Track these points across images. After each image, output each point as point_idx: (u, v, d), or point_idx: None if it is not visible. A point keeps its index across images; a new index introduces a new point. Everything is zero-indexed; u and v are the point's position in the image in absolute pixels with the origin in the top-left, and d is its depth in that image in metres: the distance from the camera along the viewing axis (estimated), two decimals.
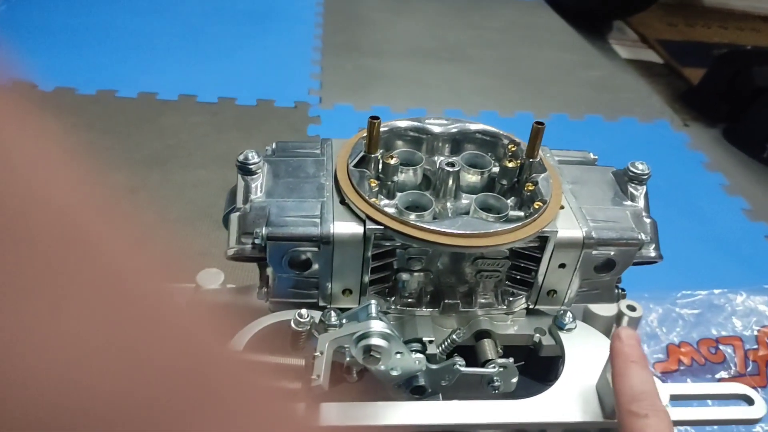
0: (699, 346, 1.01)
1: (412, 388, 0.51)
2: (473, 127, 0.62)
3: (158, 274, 0.20)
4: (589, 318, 0.77)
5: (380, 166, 0.57)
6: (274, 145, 0.62)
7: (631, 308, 0.87)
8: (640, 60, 2.09)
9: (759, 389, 0.98)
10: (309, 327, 0.52)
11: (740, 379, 0.98)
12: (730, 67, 1.76)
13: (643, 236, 0.53)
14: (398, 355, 0.48)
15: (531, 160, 0.55)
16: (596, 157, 0.63)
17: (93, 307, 0.17)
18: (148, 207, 1.33)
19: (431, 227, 0.50)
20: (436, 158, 0.62)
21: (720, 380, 0.98)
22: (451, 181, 0.57)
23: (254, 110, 1.74)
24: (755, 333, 1.02)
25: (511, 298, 0.58)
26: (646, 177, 0.56)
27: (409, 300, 0.58)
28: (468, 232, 0.49)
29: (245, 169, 0.56)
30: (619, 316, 0.85)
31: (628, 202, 0.56)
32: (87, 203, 0.18)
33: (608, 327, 0.84)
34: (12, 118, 0.18)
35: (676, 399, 0.51)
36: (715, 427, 0.88)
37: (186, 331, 0.20)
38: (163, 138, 1.58)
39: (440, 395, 0.53)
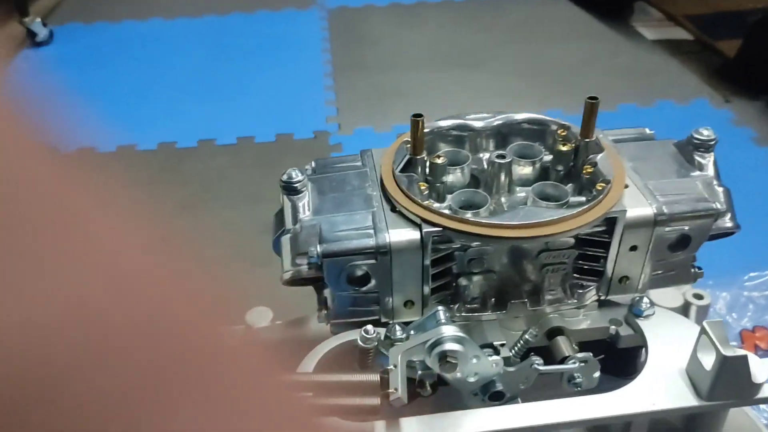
0: None
1: (491, 395, 0.51)
2: (518, 117, 0.62)
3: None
4: None
5: (427, 168, 0.57)
6: (313, 164, 0.63)
7: (698, 297, 0.85)
8: (669, 39, 2.07)
9: None
10: (376, 343, 0.52)
11: None
12: (766, 34, 1.73)
13: (717, 205, 0.52)
14: (474, 360, 0.48)
15: (587, 140, 0.55)
16: (653, 132, 0.62)
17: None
18: (181, 254, 1.36)
19: (492, 221, 0.50)
20: (481, 155, 0.62)
21: None
22: (503, 175, 0.57)
23: (274, 146, 1.77)
24: None
25: (580, 291, 0.57)
26: (713, 143, 0.56)
27: (474, 305, 0.57)
28: (531, 221, 0.49)
29: (290, 189, 0.56)
30: (686, 306, 0.83)
31: (697, 172, 0.56)
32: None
33: None
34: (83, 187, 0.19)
35: None
36: None
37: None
38: (188, 184, 1.61)
39: (519, 399, 0.52)
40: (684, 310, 0.84)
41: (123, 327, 0.17)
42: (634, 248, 0.53)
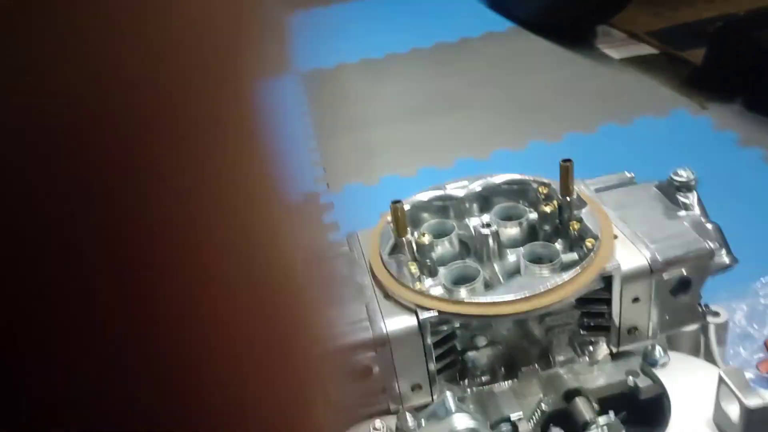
0: None
1: None
2: (497, 179, 0.61)
3: None
4: (673, 338, 0.73)
5: (415, 247, 0.56)
6: None
7: (715, 314, 0.83)
8: (636, 56, 2.08)
9: None
10: None
11: None
12: (730, 39, 1.74)
13: (710, 244, 0.50)
14: None
15: (567, 198, 0.53)
16: (632, 174, 0.61)
17: None
18: None
19: (487, 300, 0.48)
20: (467, 221, 0.61)
21: None
22: (491, 242, 0.55)
23: None
24: None
25: (591, 347, 0.54)
26: (693, 183, 0.54)
27: (484, 377, 0.55)
28: (527, 294, 0.47)
29: None
30: (704, 326, 0.81)
31: (683, 212, 0.54)
32: None
33: (696, 341, 0.80)
34: None
35: None
36: None
37: None
38: None
39: None
40: (703, 330, 0.81)
41: None
42: (636, 300, 0.51)
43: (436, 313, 0.49)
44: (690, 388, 0.50)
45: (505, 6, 2.58)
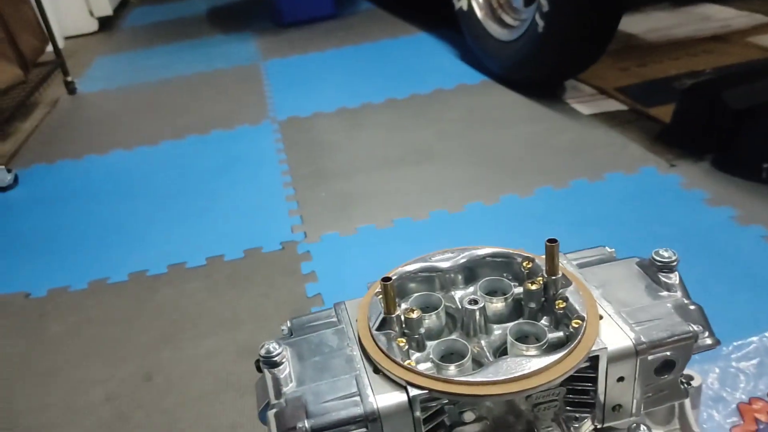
0: None
1: None
2: (481, 252, 0.62)
3: None
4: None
5: (403, 323, 0.56)
6: (289, 323, 0.61)
7: (689, 378, 0.84)
8: (605, 112, 2.15)
9: None
10: None
11: None
12: (699, 99, 1.80)
13: (694, 327, 0.51)
14: None
15: (553, 277, 0.54)
16: (613, 250, 0.62)
17: None
18: (168, 390, 1.29)
19: (477, 379, 0.48)
20: (453, 293, 0.61)
21: None
22: (478, 317, 0.56)
23: (244, 262, 1.74)
24: None
25: (576, 424, 0.55)
26: (674, 263, 0.55)
27: None
28: (516, 375, 0.48)
29: (270, 363, 0.54)
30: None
31: (665, 293, 0.55)
32: None
33: (671, 406, 0.81)
34: None
35: None
36: None
37: None
38: (165, 314, 1.56)
39: None
40: None
41: None
42: (621, 379, 0.52)
43: (427, 392, 0.49)
44: None
45: (477, 60, 2.65)
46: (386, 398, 0.50)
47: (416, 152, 2.14)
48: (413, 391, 0.49)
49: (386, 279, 0.54)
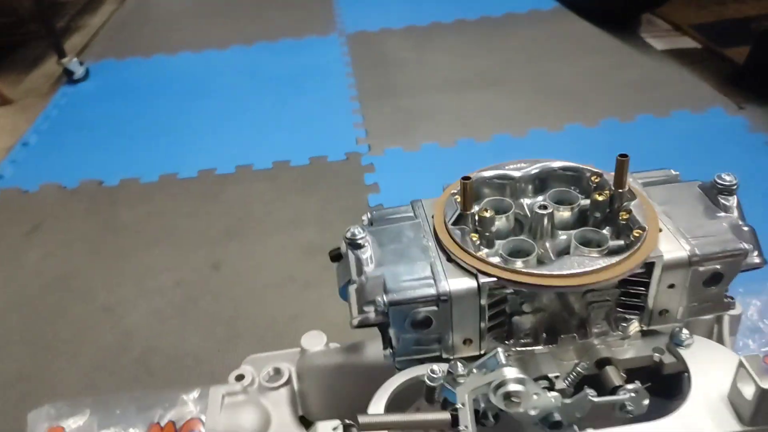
0: None
1: (550, 424, 0.54)
2: (554, 164, 0.66)
3: None
4: (690, 325, 0.78)
5: (476, 221, 0.61)
6: (369, 215, 0.67)
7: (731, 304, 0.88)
8: (678, 48, 2.09)
9: None
10: (442, 381, 0.56)
11: None
12: None
13: (745, 245, 0.55)
14: (535, 396, 0.52)
15: (620, 190, 0.58)
16: (678, 173, 0.66)
17: None
18: (234, 280, 1.41)
19: (541, 272, 0.54)
20: (522, 200, 0.66)
21: None
22: (546, 222, 0.61)
23: (309, 169, 1.82)
24: None
25: (624, 324, 0.60)
26: (735, 187, 0.59)
27: (527, 340, 0.61)
28: (577, 271, 0.53)
29: (354, 245, 0.61)
30: (719, 316, 0.86)
31: (722, 214, 0.59)
32: None
33: (709, 330, 0.86)
34: None
35: None
36: None
37: None
38: (232, 211, 1.66)
39: (575, 427, 0.56)
40: (717, 320, 0.87)
41: None
42: (671, 286, 0.57)
43: (495, 279, 0.55)
44: (709, 368, 0.56)
45: None
46: (458, 282, 0.56)
47: (482, 76, 2.13)
48: (483, 278, 0.55)
49: (466, 178, 0.59)
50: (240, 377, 0.94)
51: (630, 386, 0.54)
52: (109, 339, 1.28)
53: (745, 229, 0.58)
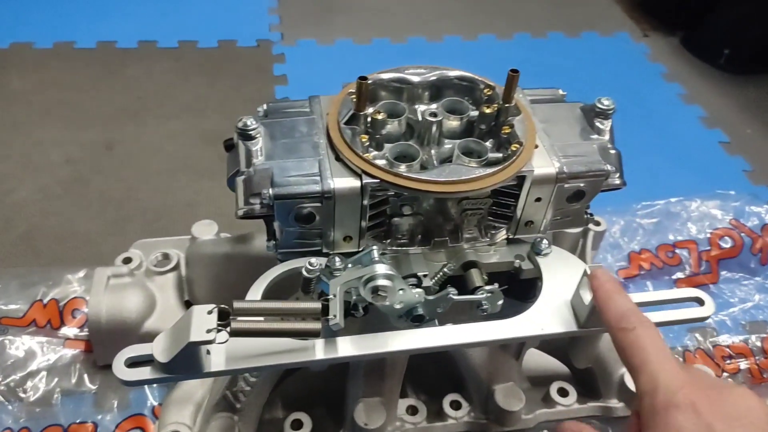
0: (657, 252, 1.11)
1: (413, 317, 0.59)
2: (451, 73, 0.67)
3: None
4: (557, 236, 0.85)
5: (368, 122, 0.62)
6: (265, 106, 0.67)
7: (596, 223, 0.96)
8: None
9: (711, 286, 1.10)
10: (319, 273, 0.59)
11: (694, 278, 1.10)
12: None
13: (608, 167, 0.60)
14: (401, 292, 0.56)
15: (507, 105, 0.61)
16: (565, 93, 0.69)
17: None
18: (128, 162, 1.36)
19: (422, 177, 0.56)
20: (416, 106, 0.67)
21: (677, 281, 1.09)
22: (434, 129, 0.63)
23: (217, 52, 1.73)
24: (708, 235, 1.13)
25: (493, 231, 0.65)
26: (611, 112, 0.63)
27: (403, 240, 0.65)
28: (454, 179, 0.56)
29: (245, 135, 0.61)
30: (585, 231, 0.94)
31: (595, 136, 0.63)
32: None
33: (575, 242, 0.94)
34: None
35: (640, 305, 0.60)
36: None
37: None
38: (131, 90, 1.58)
39: (437, 321, 0.61)
40: (583, 234, 0.95)
41: None
42: (538, 199, 0.61)
43: (378, 181, 0.57)
44: (560, 275, 0.61)
45: None
46: (342, 182, 0.58)
47: None
48: (366, 179, 0.57)
49: (363, 78, 0.59)
50: (127, 260, 0.94)
51: (487, 287, 0.59)
52: None
53: (612, 152, 0.63)
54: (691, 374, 0.46)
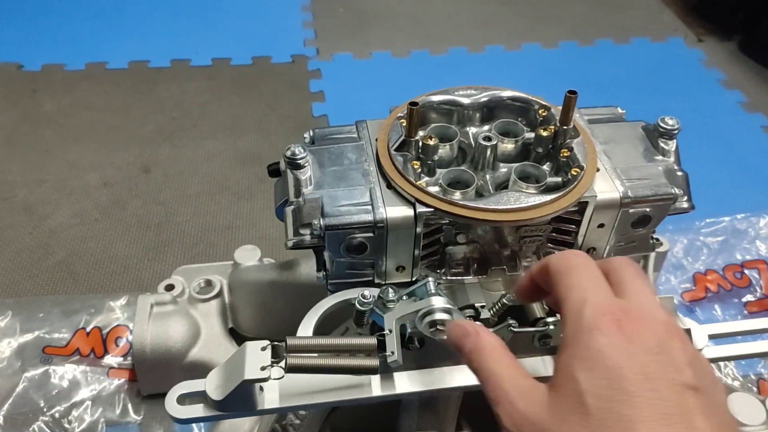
0: (725, 272, 1.09)
1: None
2: (503, 94, 0.67)
3: None
4: None
5: (420, 147, 0.63)
6: (312, 132, 0.68)
7: (657, 243, 0.95)
8: None
9: None
10: (372, 306, 0.59)
11: (766, 301, 1.07)
12: None
13: (676, 190, 0.59)
14: None
15: (565, 127, 0.61)
16: (624, 111, 0.69)
17: None
18: (165, 184, 1.39)
19: (477, 205, 0.57)
20: (468, 129, 0.68)
21: (746, 303, 1.06)
22: (488, 153, 0.63)
23: (251, 69, 1.77)
24: None
25: None
26: (676, 132, 0.62)
27: (458, 269, 0.65)
28: (513, 206, 0.56)
29: (294, 164, 0.62)
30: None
31: (660, 157, 0.63)
32: None
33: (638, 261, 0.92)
34: None
35: (713, 338, 0.59)
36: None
37: None
38: (165, 110, 1.62)
39: None
40: (644, 255, 0.94)
41: None
42: (601, 225, 0.61)
43: (432, 210, 0.57)
44: None
45: None
46: (395, 211, 0.58)
47: None
48: (420, 208, 0.58)
49: (413, 103, 0.60)
50: (170, 287, 0.96)
51: (550, 319, 0.59)
52: (29, 240, 1.26)
53: (679, 174, 0.62)
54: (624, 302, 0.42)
